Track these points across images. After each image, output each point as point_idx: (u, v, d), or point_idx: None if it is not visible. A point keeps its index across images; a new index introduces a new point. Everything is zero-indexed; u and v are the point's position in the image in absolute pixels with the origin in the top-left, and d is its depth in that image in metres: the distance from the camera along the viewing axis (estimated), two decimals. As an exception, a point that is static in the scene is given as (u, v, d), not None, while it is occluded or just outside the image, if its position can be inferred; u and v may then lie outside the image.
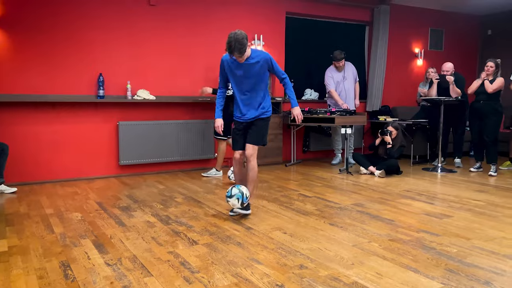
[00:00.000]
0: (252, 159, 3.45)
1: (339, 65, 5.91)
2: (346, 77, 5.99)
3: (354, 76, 6.07)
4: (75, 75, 4.95)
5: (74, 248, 2.70)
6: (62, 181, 4.92)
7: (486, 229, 3.08)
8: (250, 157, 3.45)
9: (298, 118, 3.54)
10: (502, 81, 5.23)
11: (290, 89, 3.52)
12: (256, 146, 3.47)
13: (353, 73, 6.06)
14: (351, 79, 6.03)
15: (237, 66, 3.34)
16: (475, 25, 8.14)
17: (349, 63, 6.09)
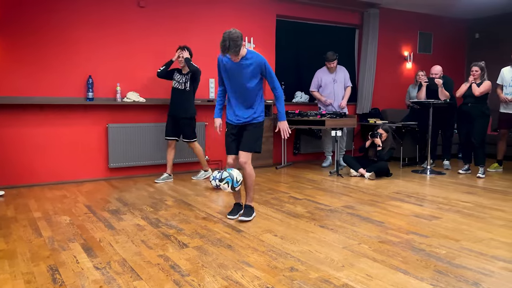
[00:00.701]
0: (246, 166, 3.35)
1: (331, 66, 5.94)
2: (336, 80, 6.01)
3: (345, 81, 6.06)
4: (64, 77, 4.90)
5: (62, 252, 2.67)
6: (50, 184, 4.86)
7: (474, 231, 3.11)
8: (244, 164, 3.34)
9: (284, 133, 3.38)
10: (489, 84, 5.31)
11: (280, 102, 3.39)
12: (250, 153, 3.37)
13: (344, 78, 6.06)
14: (341, 83, 6.04)
15: (231, 65, 3.28)
16: (463, 28, 8.26)
17: (342, 67, 6.11)
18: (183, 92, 4.87)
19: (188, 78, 4.86)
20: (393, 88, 7.42)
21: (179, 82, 4.87)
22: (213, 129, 5.85)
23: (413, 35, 7.69)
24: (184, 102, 4.87)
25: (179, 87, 4.87)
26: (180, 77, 4.89)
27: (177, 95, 4.89)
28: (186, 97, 4.88)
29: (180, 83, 4.87)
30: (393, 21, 7.33)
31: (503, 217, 3.47)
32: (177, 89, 4.88)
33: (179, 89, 4.87)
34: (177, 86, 4.88)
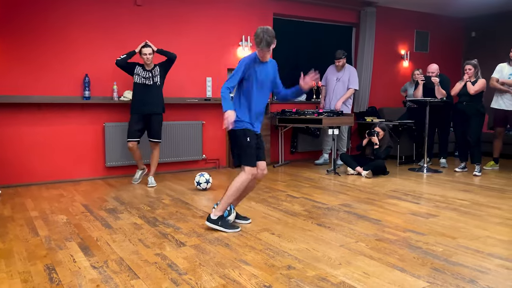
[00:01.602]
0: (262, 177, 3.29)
1: (337, 64, 5.98)
2: (339, 79, 6.01)
3: (348, 81, 6.00)
4: (60, 76, 4.88)
5: (59, 251, 2.66)
6: (47, 183, 4.84)
7: (471, 228, 3.12)
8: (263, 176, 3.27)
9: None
10: (484, 82, 5.32)
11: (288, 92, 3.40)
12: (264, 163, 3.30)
13: (349, 79, 6.02)
14: (344, 83, 6.02)
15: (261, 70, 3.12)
16: (460, 27, 8.28)
17: (351, 68, 6.08)
18: (153, 87, 4.65)
19: (157, 72, 4.65)
20: (390, 86, 7.43)
21: (145, 77, 4.61)
22: (210, 128, 5.85)
23: (410, 34, 7.71)
24: (156, 97, 4.69)
25: (146, 82, 4.61)
26: (145, 72, 4.61)
27: (145, 90, 4.62)
28: (158, 92, 4.71)
29: (147, 78, 4.61)
30: (390, 20, 7.33)
31: (499, 215, 3.49)
32: (145, 84, 4.61)
33: (147, 84, 4.62)
34: (143, 82, 4.61)
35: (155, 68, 4.69)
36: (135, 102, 4.69)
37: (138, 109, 4.67)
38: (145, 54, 4.60)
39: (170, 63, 4.78)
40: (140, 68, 4.66)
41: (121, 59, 4.63)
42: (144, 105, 4.66)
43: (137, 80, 4.64)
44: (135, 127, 4.68)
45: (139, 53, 4.66)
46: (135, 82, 4.65)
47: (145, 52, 4.60)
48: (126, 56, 4.65)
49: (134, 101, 4.69)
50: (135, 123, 4.68)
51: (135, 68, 4.65)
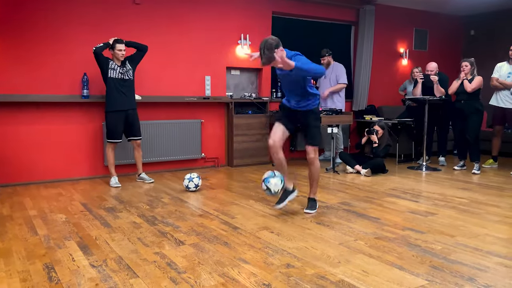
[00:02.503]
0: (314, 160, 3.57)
1: (322, 62, 6.05)
2: (326, 77, 6.09)
3: (336, 78, 6.07)
4: (58, 74, 4.87)
5: (58, 250, 2.66)
6: (46, 182, 4.84)
7: (469, 226, 3.13)
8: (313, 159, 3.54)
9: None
10: (481, 79, 5.33)
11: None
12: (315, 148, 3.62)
13: (336, 76, 6.07)
14: (331, 80, 6.09)
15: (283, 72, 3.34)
16: (458, 25, 8.28)
17: (338, 65, 6.11)
18: (128, 81, 4.58)
19: (129, 67, 4.58)
20: (389, 85, 7.43)
21: (121, 72, 4.52)
22: (209, 126, 5.85)
23: (408, 32, 7.70)
24: (132, 92, 4.64)
25: (122, 77, 4.52)
26: (119, 67, 4.52)
27: (123, 85, 4.54)
28: (133, 87, 4.64)
29: (122, 73, 4.52)
30: (389, 18, 7.33)
31: (498, 213, 3.49)
32: (123, 79, 4.52)
33: (124, 79, 4.53)
34: (121, 77, 4.51)
35: (126, 63, 4.60)
36: (114, 98, 4.51)
37: (119, 105, 4.53)
38: (120, 50, 4.49)
39: (141, 54, 4.71)
40: (114, 63, 4.53)
41: (99, 47, 4.46)
42: (125, 100, 4.55)
43: (113, 75, 4.50)
44: (119, 127, 4.56)
45: (112, 48, 4.51)
46: (111, 77, 4.49)
47: (120, 48, 4.49)
48: (103, 45, 4.49)
49: (112, 97, 4.51)
50: (116, 121, 4.53)
51: (109, 63, 4.49)
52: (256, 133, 6.05)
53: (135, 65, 4.70)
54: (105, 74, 4.51)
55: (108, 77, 4.50)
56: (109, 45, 4.54)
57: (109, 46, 4.54)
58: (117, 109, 4.54)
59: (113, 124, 4.55)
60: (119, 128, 4.58)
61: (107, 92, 4.55)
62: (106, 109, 4.56)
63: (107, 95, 4.55)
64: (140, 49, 4.73)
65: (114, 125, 4.55)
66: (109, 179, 4.72)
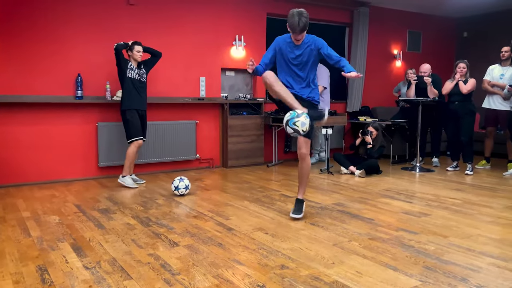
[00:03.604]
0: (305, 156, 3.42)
1: None
2: None
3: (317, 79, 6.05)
4: (52, 75, 4.85)
5: (51, 252, 2.64)
6: (39, 184, 4.81)
7: (462, 227, 3.15)
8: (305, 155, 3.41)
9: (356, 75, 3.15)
10: (474, 82, 5.38)
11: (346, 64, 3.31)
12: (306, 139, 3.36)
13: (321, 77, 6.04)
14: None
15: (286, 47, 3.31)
16: (452, 27, 8.34)
17: (321, 67, 6.08)
18: (144, 84, 4.67)
19: (144, 70, 4.68)
20: (383, 86, 7.47)
21: (139, 74, 4.61)
22: (204, 127, 5.85)
23: (402, 34, 7.75)
24: (146, 94, 4.72)
25: (140, 78, 4.61)
26: (138, 70, 4.61)
27: (141, 86, 4.62)
28: (146, 90, 4.72)
29: (140, 75, 4.62)
30: (383, 20, 7.37)
31: (491, 214, 3.52)
32: (139, 80, 4.60)
33: (142, 80, 4.63)
34: (137, 78, 4.59)
35: (141, 66, 4.69)
36: (132, 97, 4.56)
37: (136, 104, 4.59)
38: (139, 51, 4.60)
39: (155, 60, 4.81)
40: (132, 64, 4.59)
41: (120, 44, 4.54)
42: (140, 101, 4.63)
43: (132, 76, 4.56)
44: (139, 124, 4.62)
45: (130, 49, 4.59)
46: (130, 77, 4.55)
47: (139, 49, 4.60)
48: (123, 44, 4.58)
49: (131, 96, 4.56)
50: (137, 119, 4.60)
51: (128, 63, 4.56)
52: (251, 134, 6.05)
53: (148, 69, 4.77)
54: (123, 73, 4.55)
55: (126, 77, 4.54)
56: (127, 46, 4.61)
57: (128, 47, 4.61)
58: (134, 107, 4.58)
59: (133, 122, 4.56)
60: (139, 125, 4.63)
61: (124, 91, 4.58)
62: (124, 107, 4.56)
63: (125, 94, 4.57)
64: (155, 55, 4.81)
65: (135, 123, 4.58)
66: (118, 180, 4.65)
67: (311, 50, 3.27)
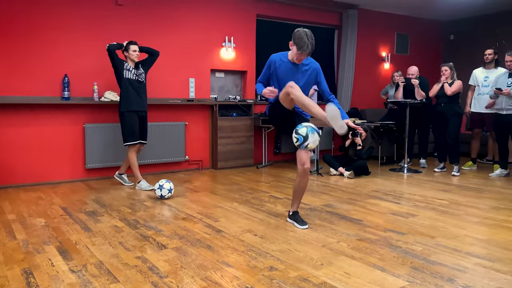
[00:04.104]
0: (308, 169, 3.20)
1: None
2: None
3: None
4: (38, 76, 4.78)
5: (37, 255, 2.60)
6: (25, 186, 4.73)
7: (449, 227, 3.18)
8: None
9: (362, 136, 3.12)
10: (460, 83, 5.45)
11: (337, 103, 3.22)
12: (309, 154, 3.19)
13: None
14: None
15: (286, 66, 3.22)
16: (439, 30, 8.45)
17: None
18: (143, 84, 4.56)
19: (142, 70, 4.57)
20: (372, 88, 7.52)
21: (136, 74, 4.50)
22: (193, 129, 5.82)
23: (390, 36, 7.82)
24: (145, 95, 4.61)
25: (138, 78, 4.50)
26: (135, 70, 4.50)
27: (139, 86, 4.51)
28: (145, 90, 4.62)
29: (138, 75, 4.51)
30: (371, 22, 7.43)
31: (477, 214, 3.56)
32: (138, 81, 4.51)
33: (140, 81, 4.52)
34: (136, 78, 4.49)
35: (139, 66, 4.60)
36: (130, 98, 4.45)
37: (134, 105, 4.48)
38: (135, 50, 4.48)
39: (153, 59, 4.71)
40: (129, 64, 4.50)
41: (112, 45, 4.44)
42: (139, 102, 4.52)
43: (129, 76, 4.46)
44: (136, 126, 4.51)
45: (125, 49, 4.50)
46: (127, 78, 4.44)
47: (134, 49, 4.48)
48: (117, 44, 4.48)
49: (129, 97, 4.45)
50: (134, 121, 4.49)
51: (124, 64, 4.46)
52: (240, 136, 6.04)
53: (147, 69, 4.67)
54: (120, 75, 4.46)
55: (123, 78, 4.45)
56: (122, 46, 4.52)
57: (122, 48, 4.52)
58: (133, 109, 4.47)
59: (131, 124, 4.47)
60: (137, 127, 4.52)
61: (122, 92, 4.48)
62: (122, 109, 4.47)
63: (123, 95, 4.48)
64: (152, 54, 4.71)
65: (133, 125, 4.49)
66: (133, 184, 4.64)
67: (310, 72, 3.25)
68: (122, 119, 4.50)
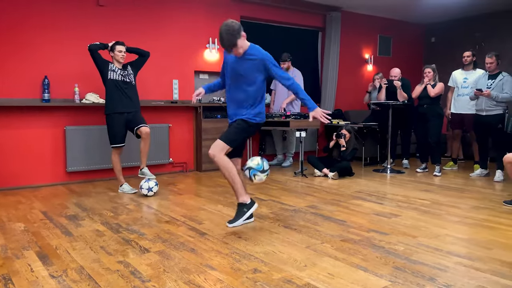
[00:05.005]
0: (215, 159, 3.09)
1: (282, 66, 6.07)
2: None
3: None
4: (18, 77, 4.68)
5: (16, 261, 2.54)
6: (4, 190, 4.63)
7: (431, 227, 3.22)
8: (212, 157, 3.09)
9: (323, 120, 3.03)
10: (442, 85, 5.55)
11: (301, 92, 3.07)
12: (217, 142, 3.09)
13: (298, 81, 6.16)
14: None
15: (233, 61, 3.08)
16: (420, 32, 8.58)
17: (295, 71, 6.16)
18: (130, 84, 4.42)
19: (130, 71, 4.47)
20: (355, 89, 7.59)
21: (123, 75, 4.38)
22: (177, 131, 5.78)
23: (373, 38, 7.91)
24: (136, 95, 4.49)
25: (123, 79, 4.37)
26: (121, 70, 4.39)
27: (125, 87, 4.37)
28: (136, 91, 4.51)
29: (124, 75, 4.39)
30: (354, 25, 7.50)
31: (458, 214, 3.62)
32: (124, 81, 4.38)
33: (127, 81, 4.39)
34: (122, 79, 4.37)
35: (127, 67, 4.49)
36: (115, 100, 4.32)
37: (120, 107, 4.34)
38: (120, 51, 4.36)
39: (143, 60, 4.61)
40: (115, 65, 4.38)
41: (94, 44, 4.32)
42: (126, 103, 4.37)
43: (114, 77, 4.33)
44: (122, 130, 4.39)
45: (111, 50, 4.39)
46: (112, 79, 4.32)
47: (120, 49, 4.36)
48: (99, 44, 4.36)
49: (113, 99, 4.32)
50: (119, 124, 4.36)
51: (109, 65, 4.35)
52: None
53: (136, 70, 4.55)
54: (104, 76, 4.34)
55: (107, 79, 4.33)
56: (106, 47, 4.40)
57: (107, 48, 4.40)
58: (117, 111, 4.34)
59: (115, 127, 4.35)
60: (122, 130, 4.39)
61: (107, 94, 4.36)
62: (106, 111, 4.36)
63: (107, 97, 4.36)
64: (142, 55, 4.61)
65: (117, 128, 4.35)
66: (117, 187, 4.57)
67: (255, 62, 3.03)
68: (107, 121, 4.40)
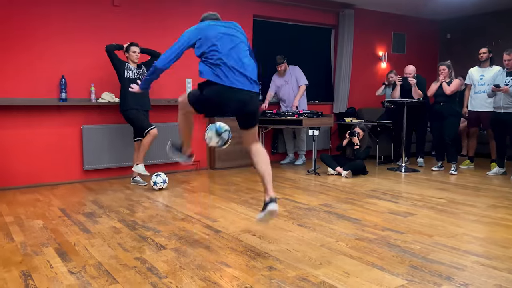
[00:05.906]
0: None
1: (279, 69, 6.12)
2: (287, 81, 6.21)
3: (296, 80, 6.18)
4: (35, 78, 4.77)
5: (35, 257, 2.60)
6: (23, 188, 4.72)
7: (447, 226, 3.19)
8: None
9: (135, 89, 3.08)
10: (459, 82, 5.46)
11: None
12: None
13: (296, 78, 6.18)
14: (293, 83, 6.18)
15: None
16: (435, 29, 8.47)
17: (294, 68, 6.19)
18: None
19: (144, 71, 4.70)
20: (369, 87, 7.53)
21: (138, 73, 4.67)
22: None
23: (387, 36, 7.84)
24: (147, 95, 4.71)
25: (140, 77, 4.61)
26: (137, 70, 4.68)
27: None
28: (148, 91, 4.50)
29: (140, 74, 4.68)
30: (367, 22, 7.44)
31: (475, 213, 3.58)
32: (139, 79, 4.57)
33: (141, 79, 4.51)
34: (137, 77, 4.60)
35: (142, 67, 4.71)
36: (132, 97, 4.44)
37: (135, 103, 4.55)
38: (135, 52, 4.64)
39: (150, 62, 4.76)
40: (130, 65, 4.64)
41: (110, 45, 4.61)
42: (141, 100, 4.58)
43: (130, 76, 4.60)
44: (145, 118, 4.63)
45: (126, 51, 4.65)
46: (128, 77, 4.57)
47: (134, 50, 4.64)
48: (115, 45, 4.66)
49: (130, 95, 4.40)
50: (140, 114, 4.58)
51: (126, 64, 4.62)
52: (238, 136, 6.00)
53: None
54: (120, 74, 4.59)
55: (123, 77, 4.57)
56: (122, 47, 4.67)
57: (122, 49, 4.67)
58: (134, 107, 4.56)
59: (139, 117, 4.57)
60: (145, 118, 4.63)
61: (122, 92, 4.58)
62: (124, 107, 4.57)
63: (124, 94, 4.56)
64: (155, 56, 4.77)
65: (141, 117, 4.58)
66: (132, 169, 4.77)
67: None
68: (126, 117, 4.60)
